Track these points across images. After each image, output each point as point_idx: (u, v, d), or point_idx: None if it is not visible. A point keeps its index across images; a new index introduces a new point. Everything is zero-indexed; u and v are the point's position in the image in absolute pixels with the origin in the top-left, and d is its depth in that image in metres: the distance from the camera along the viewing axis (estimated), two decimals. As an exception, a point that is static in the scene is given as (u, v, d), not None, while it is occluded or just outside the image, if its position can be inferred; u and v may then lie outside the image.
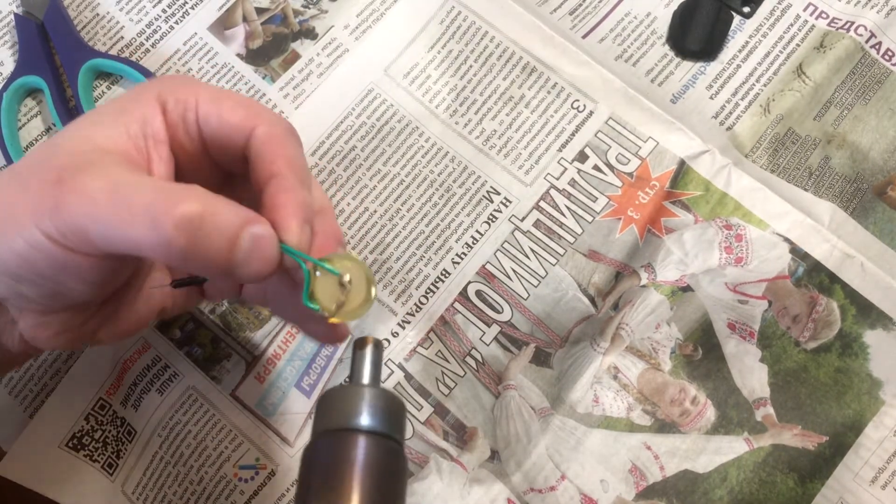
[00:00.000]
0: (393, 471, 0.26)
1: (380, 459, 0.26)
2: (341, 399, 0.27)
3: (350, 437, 0.26)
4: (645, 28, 0.49)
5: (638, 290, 0.44)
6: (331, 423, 0.27)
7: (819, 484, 0.41)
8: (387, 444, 0.26)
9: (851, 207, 0.45)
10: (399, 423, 0.28)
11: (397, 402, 0.28)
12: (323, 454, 0.26)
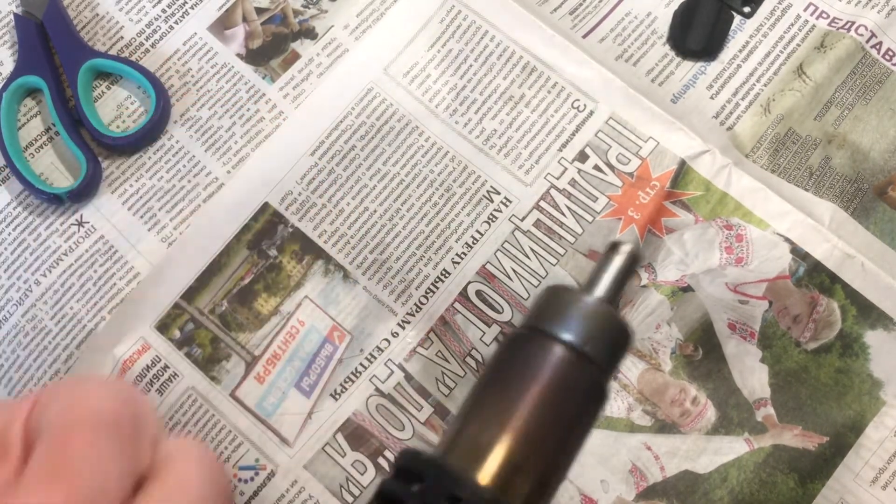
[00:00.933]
0: (580, 403, 0.23)
1: (573, 386, 0.22)
2: (564, 303, 0.23)
3: (550, 347, 0.22)
4: (645, 28, 0.49)
5: (638, 291, 0.44)
6: (540, 323, 0.23)
7: (819, 484, 0.41)
8: (588, 372, 0.23)
9: (852, 207, 0.45)
10: (615, 354, 0.24)
11: (622, 332, 0.24)
12: (519, 351, 0.23)
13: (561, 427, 0.22)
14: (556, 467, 0.22)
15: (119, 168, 0.47)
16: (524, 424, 0.21)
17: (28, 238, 0.46)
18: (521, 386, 0.22)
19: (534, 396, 0.22)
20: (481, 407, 0.22)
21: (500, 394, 0.22)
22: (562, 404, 0.22)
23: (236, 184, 0.46)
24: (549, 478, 0.22)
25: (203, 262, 0.45)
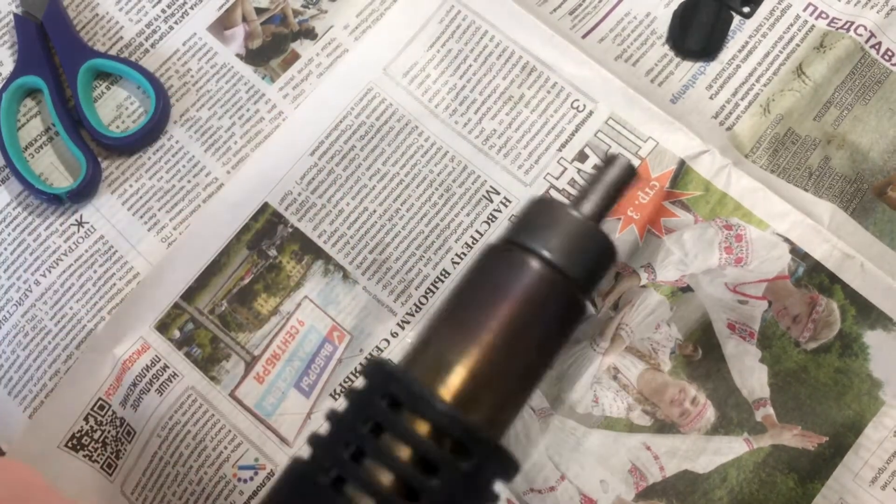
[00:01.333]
0: (553, 320, 0.21)
1: (546, 302, 0.21)
2: (546, 217, 0.22)
3: (525, 261, 0.21)
4: (645, 28, 0.49)
5: (638, 291, 0.44)
6: (518, 236, 0.22)
7: (819, 484, 0.40)
8: (563, 289, 0.21)
9: (851, 208, 0.45)
10: (596, 271, 0.22)
11: (605, 248, 0.23)
12: (493, 265, 0.22)
13: (531, 345, 0.21)
14: (523, 386, 0.21)
15: (119, 168, 0.47)
16: (492, 340, 0.20)
17: (28, 238, 0.46)
18: (491, 300, 0.21)
19: (503, 312, 0.21)
20: (449, 320, 0.21)
21: (468, 308, 0.21)
22: (533, 321, 0.21)
23: (236, 184, 0.46)
24: (514, 396, 0.21)
25: (203, 262, 0.45)
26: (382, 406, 0.19)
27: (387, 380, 0.19)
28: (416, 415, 0.19)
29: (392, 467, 0.18)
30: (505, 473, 0.20)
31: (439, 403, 0.19)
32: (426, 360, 0.20)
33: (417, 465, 0.18)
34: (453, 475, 0.19)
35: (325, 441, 0.20)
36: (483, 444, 0.19)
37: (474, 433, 0.19)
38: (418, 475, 0.18)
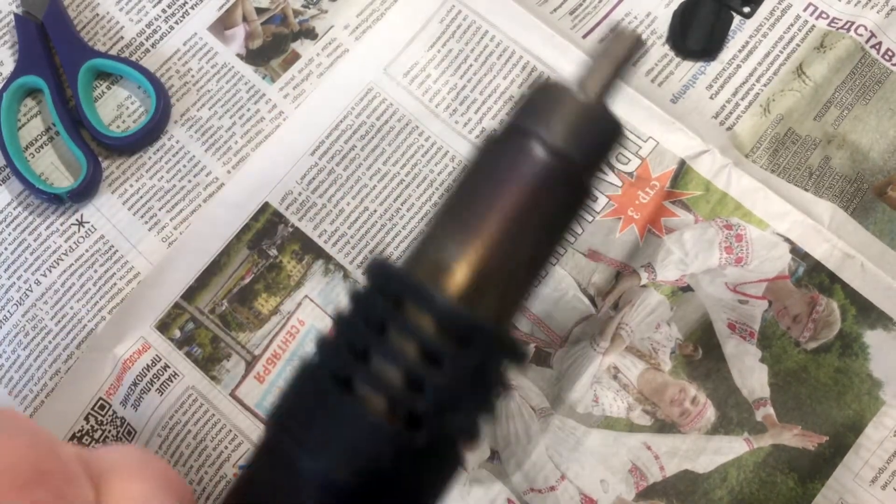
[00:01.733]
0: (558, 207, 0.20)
1: (550, 188, 0.20)
2: (548, 99, 0.21)
3: (526, 146, 0.20)
4: (645, 28, 0.49)
5: (638, 290, 0.44)
6: (519, 121, 0.21)
7: (819, 484, 0.40)
8: (568, 173, 0.21)
9: (852, 207, 0.45)
10: (602, 152, 0.22)
11: (611, 127, 0.22)
12: (493, 153, 0.21)
13: (534, 235, 0.20)
14: (528, 276, 0.20)
15: (119, 168, 0.47)
16: (493, 233, 0.19)
17: (28, 238, 0.46)
18: (490, 191, 0.20)
19: (503, 202, 0.20)
20: (449, 215, 0.20)
21: (468, 201, 0.20)
22: (535, 210, 0.20)
23: (236, 184, 0.46)
24: (519, 287, 0.20)
25: (203, 261, 0.45)
26: (386, 305, 0.19)
27: (389, 279, 0.19)
28: (419, 311, 0.18)
29: (398, 363, 0.18)
30: (511, 362, 0.19)
31: (440, 298, 0.19)
32: (427, 257, 0.20)
33: (423, 360, 0.18)
34: (458, 366, 0.18)
35: (331, 343, 0.19)
36: (486, 334, 0.19)
37: (476, 324, 0.18)
38: (424, 368, 0.18)
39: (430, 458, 0.18)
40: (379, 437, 0.18)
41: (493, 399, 0.19)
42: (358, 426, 0.18)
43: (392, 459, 0.18)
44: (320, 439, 0.18)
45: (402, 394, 0.18)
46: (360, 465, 0.18)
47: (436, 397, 0.18)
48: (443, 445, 0.18)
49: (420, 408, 0.18)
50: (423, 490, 0.19)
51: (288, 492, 0.18)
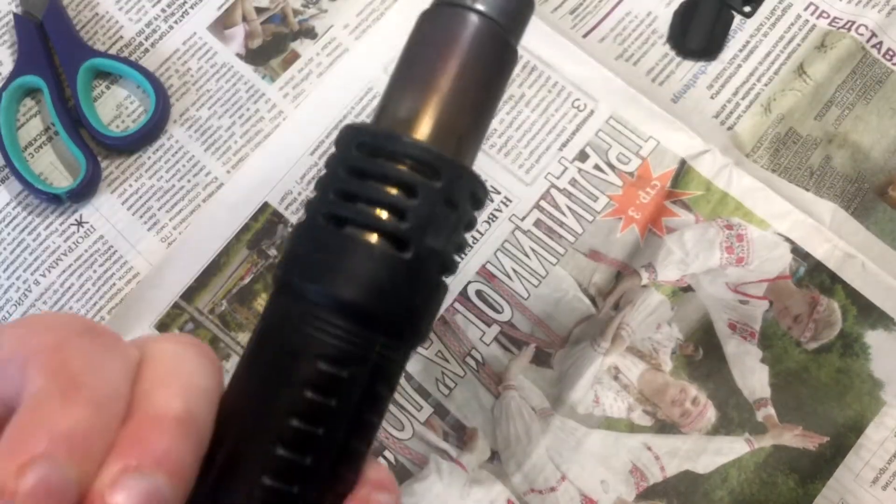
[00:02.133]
0: (495, 65, 0.25)
1: (487, 49, 0.24)
2: None
3: (460, 16, 0.24)
4: (646, 27, 0.49)
5: (639, 291, 0.44)
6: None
7: (820, 485, 0.40)
8: (498, 36, 0.25)
9: (853, 207, 0.45)
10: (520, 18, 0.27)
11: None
12: (433, 24, 0.25)
13: (477, 86, 0.24)
14: (477, 123, 0.24)
15: (118, 168, 0.47)
16: (443, 86, 0.23)
17: (27, 238, 0.46)
18: (438, 53, 0.24)
19: (450, 61, 0.24)
20: (401, 80, 0.24)
21: (417, 64, 0.24)
22: (476, 65, 0.24)
23: (236, 183, 0.46)
24: (471, 132, 0.24)
25: (203, 261, 0.45)
26: (362, 154, 0.22)
27: (360, 132, 0.22)
28: (388, 154, 0.22)
29: (378, 201, 0.21)
30: (476, 189, 0.23)
31: (406, 138, 0.22)
32: (388, 115, 0.23)
33: (401, 193, 0.21)
34: (431, 192, 0.21)
35: (319, 194, 0.22)
36: (450, 164, 0.22)
37: (442, 157, 0.22)
38: (403, 199, 0.21)
39: (418, 275, 0.21)
40: (373, 258, 0.21)
41: (462, 227, 0.23)
42: (355, 253, 0.21)
43: (387, 276, 0.21)
44: (323, 270, 0.21)
45: (386, 222, 0.21)
46: (361, 283, 0.21)
47: (415, 219, 0.21)
48: (427, 264, 0.22)
49: (403, 229, 0.21)
50: (416, 303, 0.22)
51: (302, 321, 0.21)
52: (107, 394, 0.19)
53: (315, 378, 0.20)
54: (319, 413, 0.20)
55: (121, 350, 0.20)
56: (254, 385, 0.21)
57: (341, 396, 0.20)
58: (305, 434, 0.20)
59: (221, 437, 0.20)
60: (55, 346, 0.19)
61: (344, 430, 0.21)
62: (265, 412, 0.20)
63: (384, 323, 0.21)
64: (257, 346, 0.22)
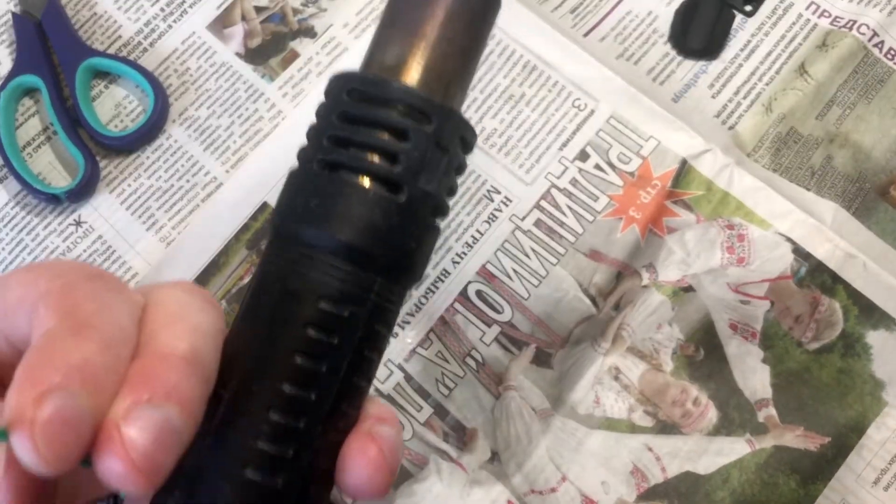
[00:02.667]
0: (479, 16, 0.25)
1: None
2: None
3: None
4: (646, 27, 0.49)
5: (639, 291, 0.43)
6: None
7: (821, 485, 0.40)
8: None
9: (854, 207, 0.45)
10: None
11: None
12: None
13: (461, 32, 0.24)
14: (465, 69, 0.24)
15: (117, 168, 0.47)
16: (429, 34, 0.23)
17: (26, 238, 0.45)
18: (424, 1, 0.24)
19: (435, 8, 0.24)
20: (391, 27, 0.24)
21: (405, 12, 0.24)
22: (460, 12, 0.24)
23: (235, 183, 0.46)
24: (458, 76, 0.24)
25: (202, 261, 0.45)
26: (353, 100, 0.22)
27: (349, 80, 0.23)
28: (379, 100, 0.22)
29: (371, 145, 0.22)
30: (465, 133, 0.23)
31: (396, 83, 0.23)
32: (376, 63, 0.24)
33: (392, 137, 0.22)
34: (422, 136, 0.22)
35: (309, 148, 0.23)
36: (439, 108, 0.22)
37: (432, 101, 0.22)
38: (394, 142, 0.22)
39: (412, 217, 0.22)
40: (369, 201, 0.21)
41: (453, 170, 0.23)
42: (351, 197, 0.21)
43: (382, 218, 0.21)
44: (321, 214, 0.21)
45: (380, 166, 0.22)
46: (358, 226, 0.21)
47: (407, 162, 0.22)
48: (420, 206, 0.22)
49: (396, 172, 0.22)
50: (411, 245, 0.22)
51: (302, 264, 0.21)
52: (116, 332, 0.19)
53: (317, 317, 0.21)
54: (322, 351, 0.21)
55: (126, 294, 0.21)
56: (257, 326, 0.22)
57: (342, 335, 0.21)
58: (310, 371, 0.21)
59: (226, 378, 0.21)
60: (64, 288, 0.20)
61: (346, 367, 0.21)
62: (270, 351, 0.21)
63: (381, 264, 0.22)
64: (259, 290, 0.22)
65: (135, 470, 0.18)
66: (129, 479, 0.18)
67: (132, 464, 0.18)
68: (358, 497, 0.22)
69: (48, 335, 0.19)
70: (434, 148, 0.22)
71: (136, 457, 0.18)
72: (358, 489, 0.22)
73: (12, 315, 0.21)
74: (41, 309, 0.20)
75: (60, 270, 0.21)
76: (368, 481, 0.22)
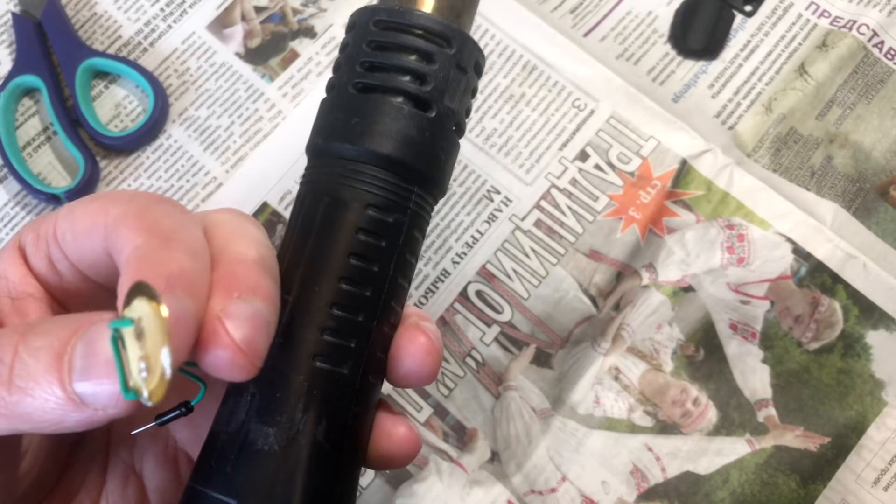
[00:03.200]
0: None
1: None
2: None
3: None
4: (646, 27, 0.49)
5: (639, 291, 0.43)
6: None
7: (821, 485, 0.40)
8: None
9: (854, 207, 0.45)
10: None
11: None
12: None
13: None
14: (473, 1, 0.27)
15: (117, 168, 0.47)
16: None
17: (26, 238, 0.45)
18: None
19: None
20: None
21: None
22: None
23: (235, 183, 0.46)
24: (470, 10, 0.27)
25: (202, 262, 0.45)
26: (378, 30, 0.25)
27: (375, 12, 0.25)
28: (405, 27, 0.24)
29: (403, 68, 0.24)
30: (479, 58, 0.26)
31: (418, 12, 0.25)
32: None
33: (420, 60, 0.24)
34: (446, 59, 0.24)
35: (342, 75, 0.25)
36: (460, 34, 0.25)
37: (453, 27, 0.25)
38: (422, 65, 0.24)
39: (441, 131, 0.25)
40: (405, 117, 0.24)
41: (470, 91, 0.26)
42: (389, 115, 0.24)
43: (417, 133, 0.24)
44: (363, 131, 0.24)
45: (412, 86, 0.24)
46: (398, 140, 0.24)
47: (434, 82, 0.24)
48: (447, 122, 0.25)
49: (426, 91, 0.24)
50: (442, 157, 0.25)
51: (349, 178, 0.24)
52: (197, 244, 0.21)
53: (367, 223, 0.24)
54: (373, 252, 0.24)
55: (191, 214, 0.23)
56: (311, 236, 0.24)
57: (389, 239, 0.24)
58: (364, 270, 0.24)
59: (287, 283, 0.23)
60: (140, 210, 0.22)
61: (393, 267, 0.24)
62: (327, 255, 0.23)
63: (417, 174, 0.24)
64: (308, 204, 0.24)
65: (241, 356, 0.20)
66: (236, 366, 0.20)
67: (239, 351, 0.20)
68: (410, 384, 0.25)
69: (141, 249, 0.20)
70: (455, 69, 0.25)
71: (241, 344, 0.20)
72: (411, 374, 0.25)
73: (81, 241, 0.23)
74: (123, 230, 0.21)
75: (130, 196, 0.23)
76: (421, 365, 0.25)
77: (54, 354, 0.19)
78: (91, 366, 0.19)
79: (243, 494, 0.22)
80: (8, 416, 0.19)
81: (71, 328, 0.20)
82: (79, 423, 0.20)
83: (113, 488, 0.27)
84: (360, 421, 0.24)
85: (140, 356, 0.18)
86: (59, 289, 0.24)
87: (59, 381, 0.19)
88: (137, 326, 0.18)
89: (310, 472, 0.22)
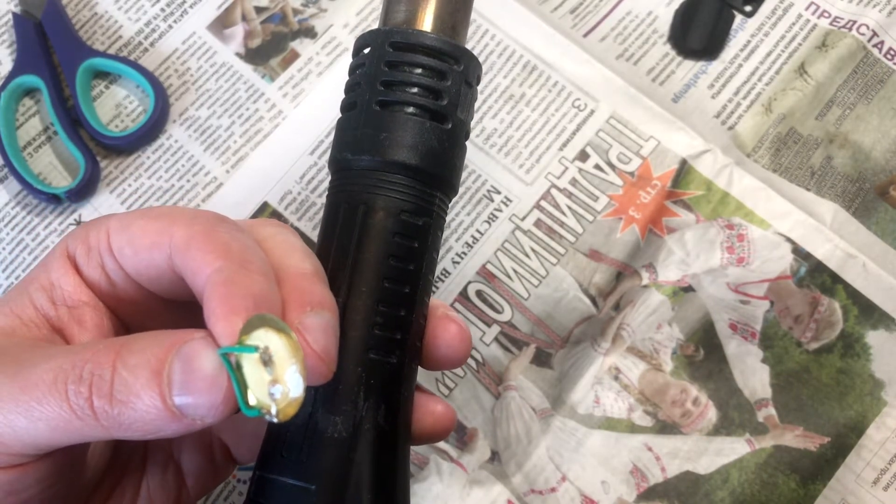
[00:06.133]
0: None
1: None
2: None
3: None
4: (646, 27, 0.49)
5: (639, 291, 0.43)
6: None
7: (821, 485, 0.40)
8: None
9: (854, 207, 0.45)
10: None
11: None
12: None
13: None
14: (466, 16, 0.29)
15: (118, 168, 0.47)
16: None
17: (26, 238, 0.46)
18: None
19: None
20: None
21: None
22: None
23: (235, 183, 0.46)
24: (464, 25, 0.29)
25: (202, 262, 0.45)
26: (393, 51, 0.27)
27: (388, 35, 0.27)
28: (419, 48, 0.27)
29: (420, 85, 0.27)
30: (479, 71, 0.29)
31: (427, 33, 0.27)
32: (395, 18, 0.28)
33: (434, 78, 0.27)
34: (457, 75, 0.27)
35: (362, 92, 0.27)
36: (465, 51, 0.28)
37: (460, 46, 0.28)
38: (437, 82, 0.27)
39: (456, 141, 0.27)
40: (427, 130, 0.26)
41: (473, 102, 0.28)
42: (412, 129, 0.26)
43: (438, 144, 0.27)
44: (391, 144, 0.26)
45: (430, 102, 0.27)
46: (423, 151, 0.26)
47: (449, 97, 0.27)
48: (460, 132, 0.28)
49: (442, 106, 0.27)
50: (457, 164, 0.28)
51: (379, 188, 0.26)
52: (265, 265, 0.23)
53: (401, 228, 0.26)
54: (408, 253, 0.26)
55: (246, 231, 0.25)
56: (352, 241, 0.26)
57: (420, 240, 0.26)
58: (402, 269, 0.26)
59: (336, 286, 0.25)
60: (207, 232, 0.23)
61: (424, 265, 0.27)
62: (371, 259, 0.26)
63: (439, 180, 0.27)
64: (343, 213, 0.26)
65: (322, 364, 0.22)
66: (317, 373, 0.22)
67: (320, 360, 0.22)
68: (444, 367, 0.28)
69: (223, 272, 0.22)
70: (464, 84, 0.27)
71: (322, 354, 0.22)
72: (446, 358, 0.28)
73: (142, 256, 0.24)
74: (195, 252, 0.23)
75: (189, 217, 0.24)
76: (456, 351, 0.27)
77: (152, 371, 0.21)
78: (190, 381, 0.21)
79: (320, 478, 0.24)
80: (108, 427, 0.21)
81: (164, 346, 0.21)
82: (176, 432, 0.22)
83: (153, 474, 0.29)
84: (408, 403, 0.27)
85: (269, 380, 0.21)
86: (111, 297, 0.26)
87: (160, 396, 0.21)
88: (264, 354, 0.21)
89: (376, 453, 0.25)
